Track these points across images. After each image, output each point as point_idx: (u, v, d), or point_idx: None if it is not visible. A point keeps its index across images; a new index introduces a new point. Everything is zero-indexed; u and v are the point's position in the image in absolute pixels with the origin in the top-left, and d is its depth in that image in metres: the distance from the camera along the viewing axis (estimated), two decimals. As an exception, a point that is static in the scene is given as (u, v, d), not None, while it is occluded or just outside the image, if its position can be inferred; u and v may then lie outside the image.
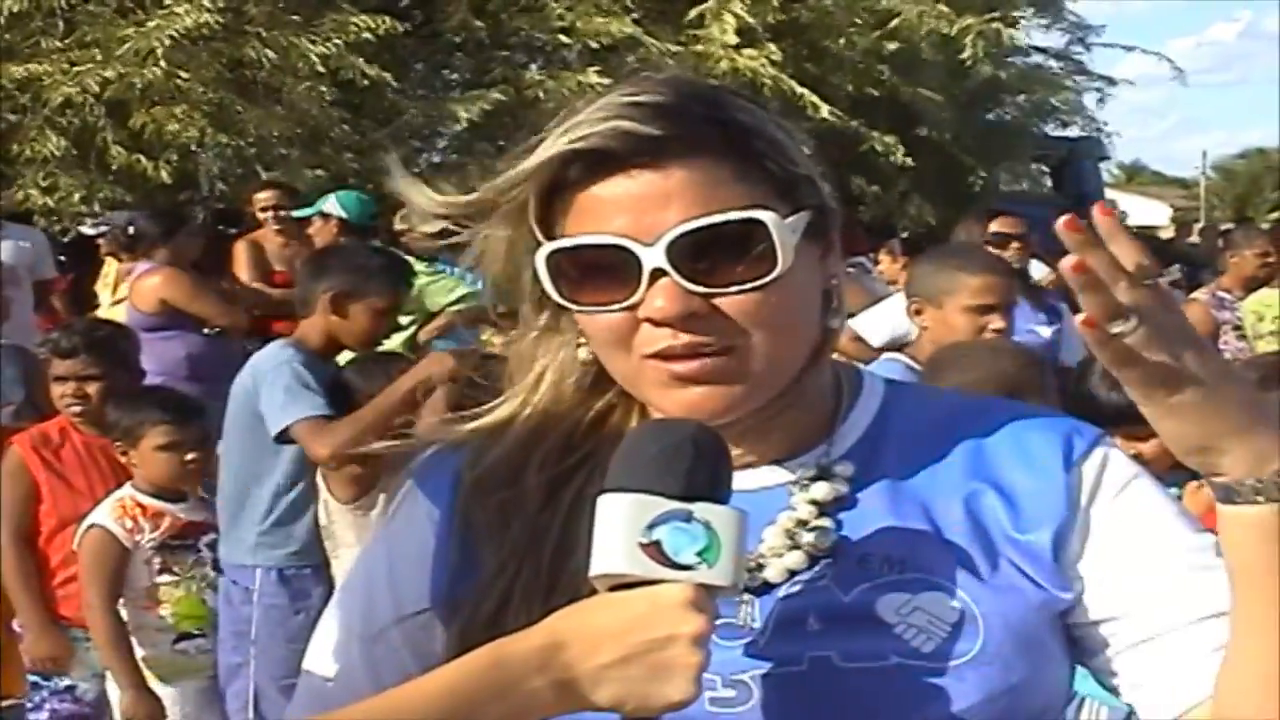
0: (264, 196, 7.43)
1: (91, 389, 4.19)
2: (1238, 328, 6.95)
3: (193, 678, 4.01)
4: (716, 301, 1.15)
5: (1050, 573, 1.19)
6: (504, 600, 1.18)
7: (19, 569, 4.07)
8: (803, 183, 1.20)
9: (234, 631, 4.06)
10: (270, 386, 3.88)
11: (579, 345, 1.25)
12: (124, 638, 3.84)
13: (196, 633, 4.00)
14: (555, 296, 1.19)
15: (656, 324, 1.15)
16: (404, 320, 6.48)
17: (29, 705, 4.14)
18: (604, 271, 1.16)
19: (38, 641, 4.05)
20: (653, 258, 1.14)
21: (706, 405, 1.17)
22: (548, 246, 1.18)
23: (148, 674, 3.87)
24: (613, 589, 1.08)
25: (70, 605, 4.08)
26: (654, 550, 1.06)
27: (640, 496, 1.08)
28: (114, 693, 3.93)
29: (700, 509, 1.08)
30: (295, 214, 7.35)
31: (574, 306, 1.19)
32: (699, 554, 1.07)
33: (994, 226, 5.74)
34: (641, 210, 1.14)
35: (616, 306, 1.16)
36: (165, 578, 3.95)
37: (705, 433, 1.12)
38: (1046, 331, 5.34)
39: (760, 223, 1.14)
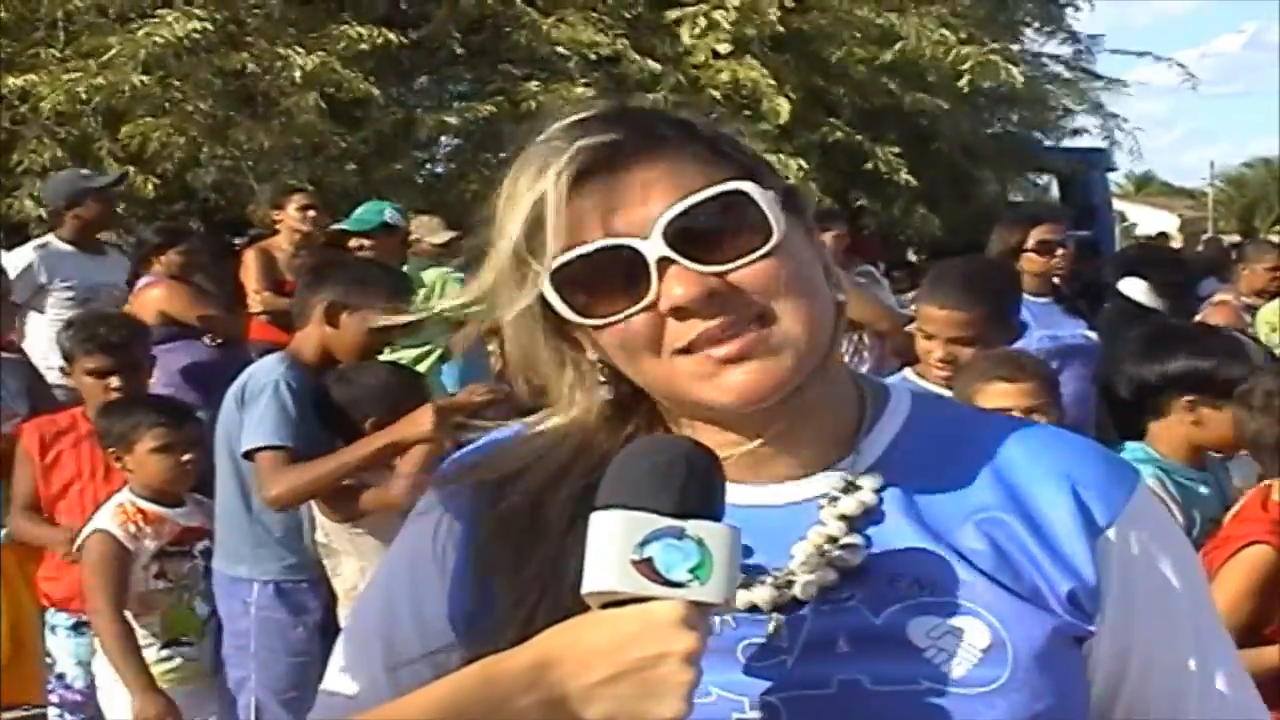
0: (299, 198, 7.41)
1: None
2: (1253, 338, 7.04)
3: (180, 684, 4.01)
4: (732, 279, 1.15)
5: (1068, 608, 1.19)
6: (526, 630, 1.16)
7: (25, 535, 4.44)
8: (763, 167, 1.22)
9: (236, 646, 4.05)
10: (253, 403, 3.87)
11: (600, 384, 1.24)
12: (131, 641, 3.85)
13: (185, 640, 4.02)
14: (570, 315, 1.18)
15: (681, 315, 1.15)
16: (433, 332, 6.49)
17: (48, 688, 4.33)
18: (611, 278, 1.16)
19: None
20: (654, 249, 1.15)
21: (756, 385, 1.16)
22: (548, 269, 1.17)
23: None
24: (605, 606, 1.07)
25: (56, 587, 4.27)
26: (646, 567, 1.05)
27: (632, 513, 1.07)
28: (105, 691, 3.97)
29: (693, 526, 1.06)
30: (348, 228, 7.32)
31: (591, 321, 1.18)
32: (691, 571, 1.05)
33: (1037, 234, 5.47)
34: (623, 209, 1.16)
35: (634, 309, 1.16)
36: (160, 584, 3.98)
37: (698, 450, 1.11)
38: (1094, 334, 5.34)
39: (743, 193, 1.17)
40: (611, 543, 1.06)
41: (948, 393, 3.43)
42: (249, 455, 3.84)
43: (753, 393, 1.16)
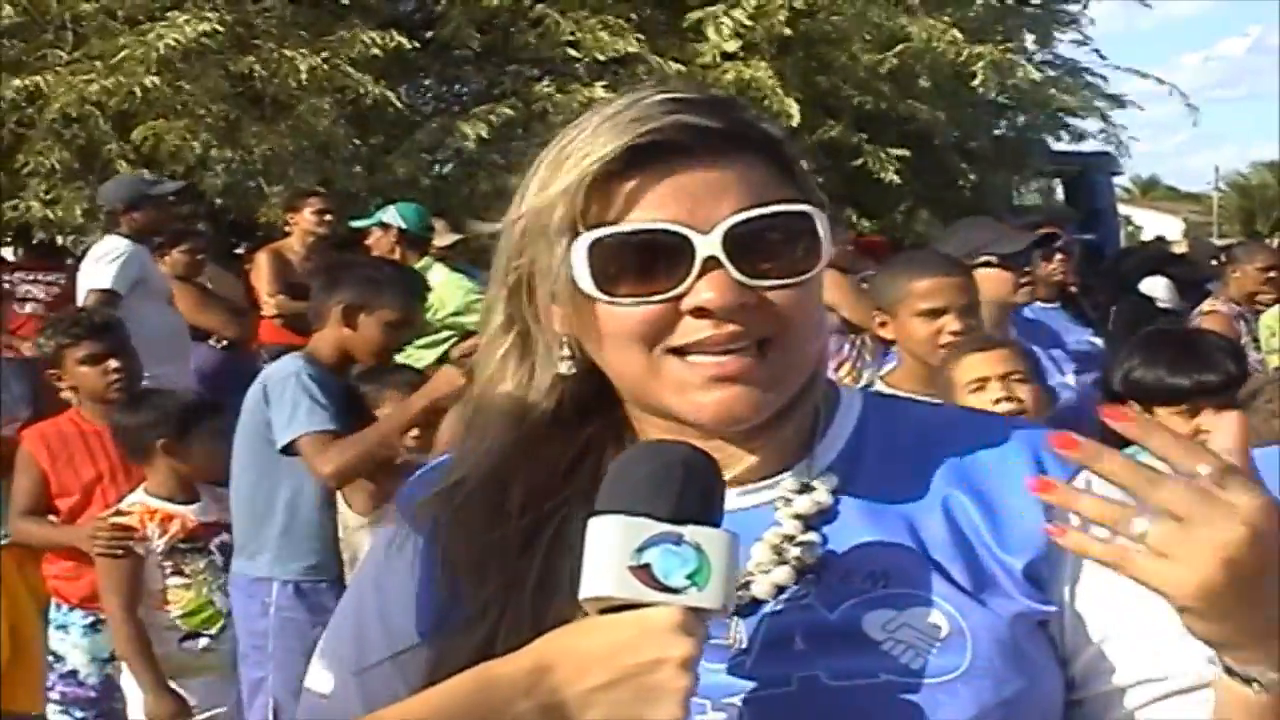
0: (315, 201, 7.42)
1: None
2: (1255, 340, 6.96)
3: (198, 675, 4.05)
4: (765, 294, 1.16)
5: (1029, 590, 1.19)
6: (489, 641, 1.16)
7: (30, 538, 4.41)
8: (822, 198, 1.23)
9: (254, 646, 4.06)
10: (279, 398, 3.90)
11: (562, 359, 1.23)
12: (144, 642, 3.92)
13: (204, 633, 4.05)
14: (589, 288, 1.17)
15: (699, 315, 1.15)
16: (441, 336, 6.52)
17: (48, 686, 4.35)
18: (651, 261, 1.15)
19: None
20: (707, 246, 1.15)
21: (737, 408, 1.17)
22: (591, 235, 1.16)
23: None
24: (603, 612, 1.08)
25: (73, 587, 4.27)
26: (644, 573, 1.06)
27: (630, 519, 1.07)
28: (127, 684, 4.00)
29: (691, 531, 1.07)
30: (354, 224, 7.35)
31: (607, 298, 1.17)
32: (689, 577, 1.06)
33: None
34: (697, 200, 1.15)
35: (659, 297, 1.16)
36: (176, 580, 4.02)
37: (696, 455, 1.12)
38: (1099, 341, 5.32)
39: (809, 216, 1.18)
40: (609, 548, 1.07)
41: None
42: (290, 448, 3.87)
43: (728, 416, 1.18)
